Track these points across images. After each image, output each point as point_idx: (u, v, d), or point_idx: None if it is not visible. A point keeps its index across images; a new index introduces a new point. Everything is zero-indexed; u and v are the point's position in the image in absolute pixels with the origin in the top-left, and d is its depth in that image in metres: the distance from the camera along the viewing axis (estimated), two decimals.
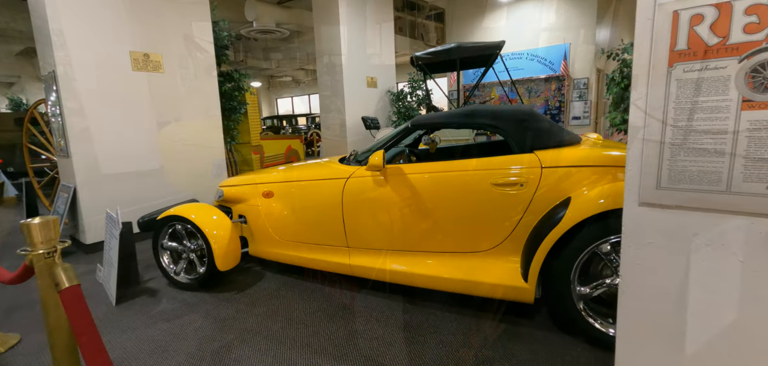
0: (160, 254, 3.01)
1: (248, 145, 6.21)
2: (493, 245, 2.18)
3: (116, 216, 2.72)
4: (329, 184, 2.63)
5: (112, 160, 3.97)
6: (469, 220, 2.19)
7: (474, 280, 2.16)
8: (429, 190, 2.26)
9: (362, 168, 2.52)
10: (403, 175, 2.34)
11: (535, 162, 2.05)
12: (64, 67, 3.61)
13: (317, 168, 2.82)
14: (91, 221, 3.88)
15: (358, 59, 6.88)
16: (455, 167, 2.22)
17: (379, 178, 2.41)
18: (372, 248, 2.52)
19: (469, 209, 2.18)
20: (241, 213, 3.17)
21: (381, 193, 2.39)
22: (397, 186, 2.35)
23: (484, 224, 2.16)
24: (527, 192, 2.05)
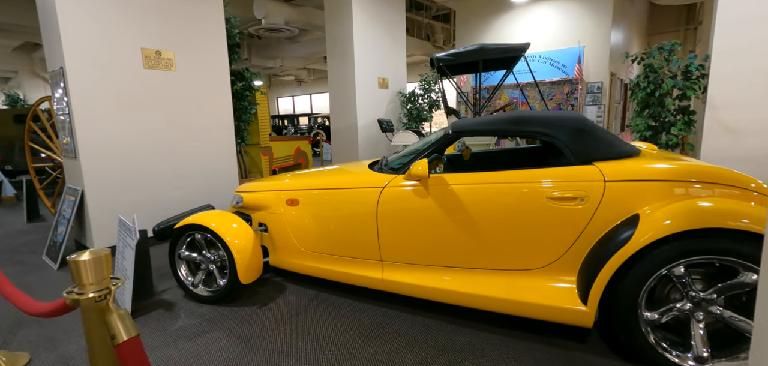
0: (177, 265, 2.83)
1: (258, 147, 6.03)
2: (547, 263, 2.02)
3: (132, 224, 2.54)
4: (362, 193, 2.46)
5: (122, 162, 3.79)
6: (520, 235, 2.03)
7: (524, 301, 2.00)
8: (476, 203, 2.10)
9: (400, 177, 2.36)
10: (446, 185, 2.18)
11: (596, 175, 1.90)
12: (73, 63, 3.42)
13: (347, 175, 2.65)
14: (99, 226, 3.69)
15: (370, 59, 6.72)
16: (506, 179, 2.06)
17: (420, 189, 2.24)
18: (409, 263, 2.35)
19: (522, 224, 2.02)
20: (261, 221, 3.00)
21: (422, 205, 2.23)
22: (441, 197, 2.18)
23: (538, 241, 2.00)
24: (588, 207, 1.89)
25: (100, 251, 1.23)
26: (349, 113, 6.65)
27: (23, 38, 11.74)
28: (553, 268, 2.01)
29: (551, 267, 2.01)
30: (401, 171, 2.39)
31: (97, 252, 1.22)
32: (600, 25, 7.50)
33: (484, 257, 2.13)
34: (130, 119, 3.81)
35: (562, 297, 1.94)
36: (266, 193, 2.96)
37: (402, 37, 7.48)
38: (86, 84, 3.51)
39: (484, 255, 2.13)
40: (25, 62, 14.62)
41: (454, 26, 13.26)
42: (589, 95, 7.89)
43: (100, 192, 3.66)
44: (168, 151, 4.12)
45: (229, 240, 2.58)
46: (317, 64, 16.18)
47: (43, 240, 4.49)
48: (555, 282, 2.01)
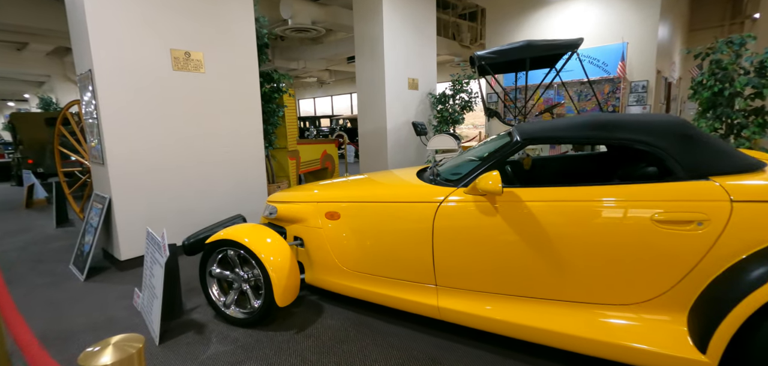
0: (209, 283, 2.60)
1: (285, 151, 5.83)
2: (647, 298, 1.67)
3: (162, 239, 2.32)
4: (415, 208, 2.17)
5: (150, 168, 3.62)
6: (614, 264, 1.70)
7: (617, 342, 1.66)
8: (558, 223, 1.77)
9: (460, 190, 2.05)
10: (519, 201, 1.86)
11: (718, 194, 1.55)
12: (101, 65, 3.27)
13: (396, 186, 2.36)
14: (126, 235, 3.53)
15: (400, 59, 6.43)
16: (597, 195, 1.72)
17: (486, 205, 1.93)
18: (471, 289, 2.04)
19: (617, 250, 1.68)
20: (297, 235, 2.75)
21: (489, 224, 1.92)
22: (513, 215, 1.87)
23: (638, 270, 1.66)
24: (708, 233, 1.54)
25: (129, 344, 0.94)
26: (378, 115, 6.38)
27: (56, 42, 12.02)
28: (655, 304, 1.67)
29: (653, 303, 1.67)
30: (461, 183, 2.08)
31: (124, 346, 0.93)
32: (646, 19, 6.98)
33: (565, 287, 1.81)
34: (159, 124, 3.64)
35: (669, 341, 1.59)
36: (303, 204, 2.71)
37: (432, 36, 7.16)
38: (115, 86, 3.35)
39: (566, 285, 1.80)
40: (58, 66, 15.02)
41: (481, 24, 12.84)
42: (632, 95, 7.37)
43: (127, 200, 3.50)
44: (196, 157, 3.94)
45: (264, 257, 2.34)
46: (339, 65, 16.02)
47: (70, 247, 4.39)
48: (657, 321, 1.66)
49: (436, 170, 2.46)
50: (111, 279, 3.39)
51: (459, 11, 12.07)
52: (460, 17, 12.23)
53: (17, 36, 11.11)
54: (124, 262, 3.56)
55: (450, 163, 2.61)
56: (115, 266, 3.64)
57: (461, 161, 2.52)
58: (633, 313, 1.70)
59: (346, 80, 21.27)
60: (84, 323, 2.62)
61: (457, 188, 2.07)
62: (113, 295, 3.06)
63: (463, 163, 2.46)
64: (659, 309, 1.66)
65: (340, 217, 2.50)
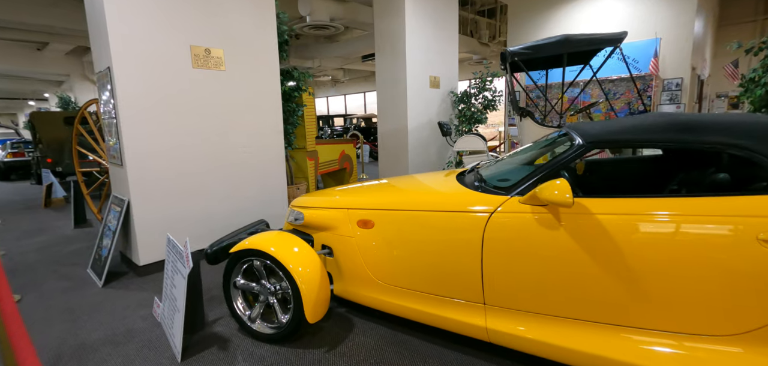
0: (233, 296, 2.43)
1: (303, 151, 5.67)
2: (747, 330, 1.43)
3: (184, 249, 2.16)
4: (461, 219, 1.96)
5: (170, 170, 3.48)
6: (706, 287, 1.46)
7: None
8: (640, 240, 1.54)
9: (513, 199, 1.83)
10: (588, 214, 1.63)
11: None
12: (120, 63, 3.13)
13: (437, 193, 2.15)
14: (145, 239, 3.39)
15: (421, 56, 6.21)
16: (688, 209, 1.48)
17: (547, 218, 1.71)
18: (526, 310, 1.82)
19: (710, 272, 1.45)
20: (326, 243, 2.56)
21: (552, 239, 1.69)
22: (583, 229, 1.64)
23: (738, 296, 1.42)
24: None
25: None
26: (399, 114, 6.17)
27: (75, 42, 12.12)
28: (757, 336, 1.42)
29: (755, 334, 1.43)
30: (514, 191, 1.86)
31: None
32: (682, 13, 6.62)
33: (647, 313, 1.57)
34: (179, 124, 3.50)
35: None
36: (333, 210, 2.52)
37: (454, 33, 6.92)
38: (134, 84, 3.22)
39: (650, 311, 1.57)
40: (77, 66, 15.19)
41: (499, 21, 12.52)
42: (665, 93, 7.01)
43: (146, 202, 3.37)
44: (216, 158, 3.79)
45: (293, 269, 2.15)
46: (354, 64, 15.86)
47: (88, 249, 4.29)
48: (760, 356, 1.42)
49: (479, 175, 2.24)
50: (129, 285, 3.25)
51: (477, 8, 11.78)
52: (478, 14, 11.93)
53: (39, 36, 11.22)
54: (143, 267, 3.42)
55: (493, 168, 2.39)
56: (134, 271, 3.51)
57: (508, 166, 2.30)
58: (734, 345, 1.46)
59: (359, 79, 21.12)
60: (102, 336, 2.48)
61: (509, 197, 1.85)
62: (132, 303, 2.92)
63: (511, 168, 2.24)
64: (761, 342, 1.42)
65: (374, 225, 2.30)
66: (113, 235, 3.37)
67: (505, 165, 2.33)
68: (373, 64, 16.47)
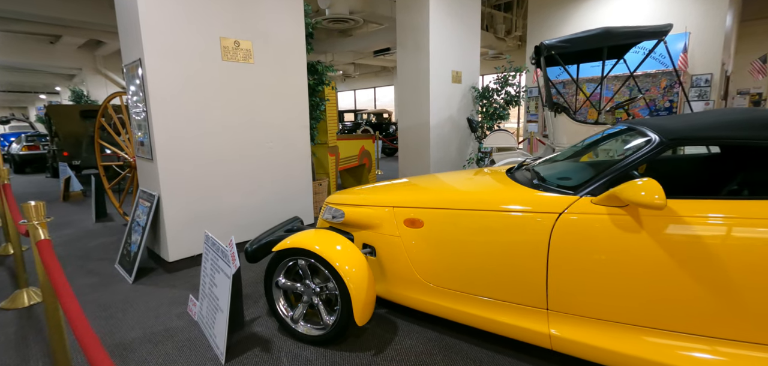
0: (275, 296, 2.36)
1: (325, 147, 5.59)
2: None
3: (230, 248, 2.08)
4: (524, 220, 1.86)
5: (199, 164, 3.41)
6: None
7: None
8: (733, 246, 1.43)
9: (584, 199, 1.73)
10: (677, 218, 1.52)
11: None
12: (151, 54, 3.06)
13: (494, 193, 2.05)
14: (175, 235, 3.33)
15: (444, 51, 6.09)
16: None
17: (626, 220, 1.60)
18: (596, 317, 1.72)
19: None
20: (367, 242, 2.47)
21: (634, 243, 1.59)
22: (666, 234, 1.53)
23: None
24: None
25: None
26: (421, 110, 6.06)
27: (88, 35, 12.11)
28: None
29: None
30: (583, 190, 1.75)
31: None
32: (713, 7, 6.42)
33: (746, 325, 1.46)
34: (207, 117, 3.42)
35: None
36: (375, 208, 2.43)
37: (477, 27, 6.78)
38: (165, 76, 3.14)
39: (747, 322, 1.46)
40: (89, 59, 15.22)
41: (515, 16, 12.31)
42: (694, 89, 6.83)
43: (176, 197, 3.30)
44: (245, 153, 3.72)
45: (340, 267, 2.07)
46: (366, 59, 15.73)
47: (113, 244, 4.25)
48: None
49: (536, 173, 2.13)
50: (160, 282, 3.20)
51: (494, 2, 11.59)
52: (494, 8, 11.74)
53: (51, 29, 11.22)
54: (172, 263, 3.37)
55: (549, 166, 2.28)
56: (163, 267, 3.46)
57: (565, 164, 2.19)
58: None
59: (370, 74, 20.98)
60: (140, 334, 2.41)
61: (579, 196, 1.75)
62: (165, 300, 2.86)
63: (569, 166, 2.14)
64: None
65: (423, 225, 2.21)
66: (143, 231, 3.31)
67: (561, 163, 2.22)
68: (384, 59, 16.33)
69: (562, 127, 3.96)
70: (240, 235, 3.79)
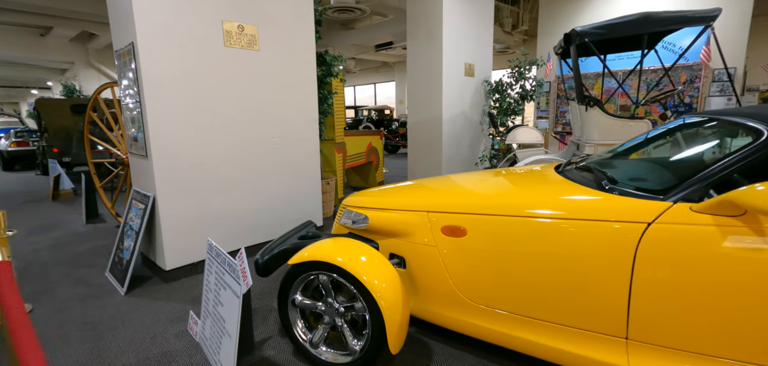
0: (291, 316, 2.03)
1: (332, 143, 5.25)
2: None
3: (240, 262, 1.75)
4: (601, 230, 1.53)
5: (199, 162, 3.07)
6: None
7: None
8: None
9: (680, 207, 1.40)
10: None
11: None
12: (146, 38, 2.71)
13: (555, 198, 1.72)
14: (173, 241, 2.99)
15: (457, 42, 5.75)
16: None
17: (743, 232, 1.28)
18: (694, 352, 1.41)
19: None
20: (396, 252, 2.15)
21: (753, 263, 1.27)
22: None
23: None
24: None
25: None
26: (433, 104, 5.73)
27: (80, 27, 11.66)
28: None
29: None
30: (674, 196, 1.43)
31: None
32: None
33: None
34: (208, 110, 3.08)
35: None
36: (405, 213, 2.10)
37: (490, 18, 6.45)
38: (161, 64, 2.79)
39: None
40: (81, 53, 14.75)
41: (522, 10, 11.99)
42: (715, 84, 6.54)
43: (174, 199, 2.96)
44: (249, 150, 3.38)
45: (368, 282, 1.75)
46: (367, 53, 15.36)
47: (104, 248, 3.89)
48: None
49: (603, 174, 1.81)
50: (156, 294, 2.85)
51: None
52: (502, 1, 11.41)
53: (42, 20, 10.76)
54: (170, 271, 3.02)
55: (612, 165, 1.96)
56: (159, 276, 3.11)
57: (629, 163, 1.88)
58: None
59: (370, 70, 20.61)
60: (133, 360, 2.08)
61: (672, 203, 1.43)
62: (162, 316, 2.52)
63: (638, 166, 1.82)
64: None
65: (466, 233, 1.88)
66: (136, 236, 2.97)
67: (622, 161, 1.91)
68: (386, 54, 15.97)
69: (593, 122, 3.65)
70: (245, 238, 3.45)
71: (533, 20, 12.10)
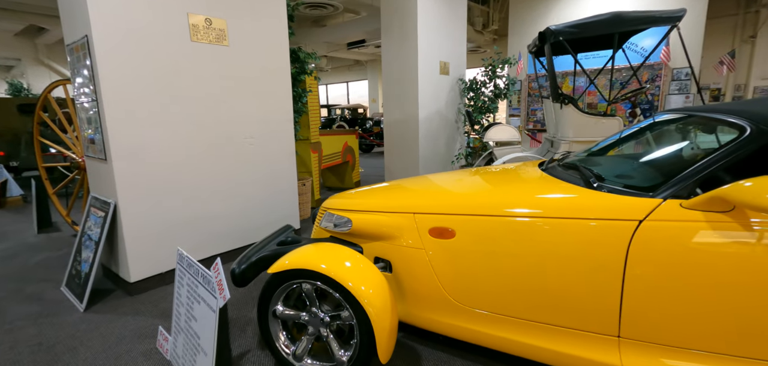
0: (272, 328, 1.90)
1: (307, 142, 5.09)
2: None
3: (215, 273, 1.61)
4: (592, 229, 1.52)
5: (164, 165, 2.86)
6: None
7: None
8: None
9: (672, 204, 1.41)
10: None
11: None
12: (102, 30, 2.48)
13: (545, 196, 1.70)
14: (137, 250, 2.77)
15: (432, 40, 5.74)
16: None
17: (732, 228, 1.30)
18: (685, 347, 1.42)
19: None
20: (381, 256, 2.07)
21: (742, 257, 1.28)
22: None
23: None
24: None
25: None
26: (410, 102, 5.68)
27: (26, 20, 10.78)
28: None
29: None
30: (665, 191, 1.44)
31: None
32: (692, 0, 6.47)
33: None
34: (175, 108, 2.88)
35: None
36: (391, 214, 2.02)
37: (464, 17, 6.48)
38: (120, 59, 2.57)
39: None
40: (29, 48, 13.68)
41: (492, 9, 12.20)
42: (674, 83, 6.88)
43: (137, 205, 2.74)
44: (218, 150, 3.19)
45: (354, 288, 1.66)
46: (339, 52, 15.17)
47: (59, 260, 3.58)
48: None
49: (589, 171, 1.81)
50: (119, 308, 2.63)
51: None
52: (472, 0, 11.55)
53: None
54: (135, 284, 2.80)
55: (597, 163, 1.97)
56: (123, 289, 2.88)
57: (613, 160, 1.89)
58: None
59: (342, 68, 20.39)
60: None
61: (662, 200, 1.43)
62: (127, 332, 2.32)
63: (622, 163, 1.83)
64: None
65: (455, 234, 1.83)
66: (96, 246, 2.73)
67: (609, 159, 1.92)
68: (358, 52, 15.83)
69: (568, 119, 3.71)
70: (218, 245, 3.26)
71: (503, 20, 12.34)
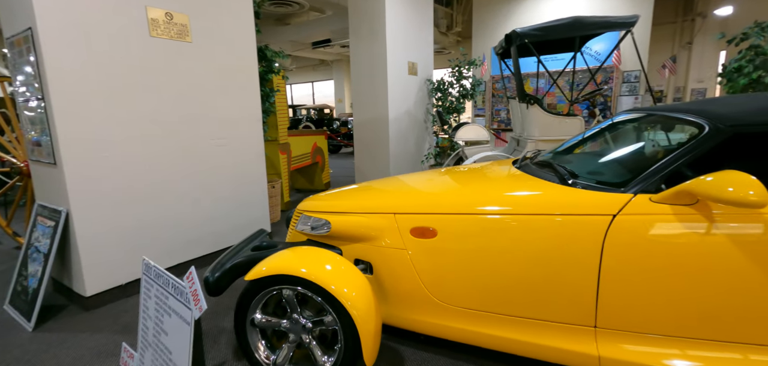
0: (250, 337, 1.82)
1: (276, 143, 4.94)
2: None
3: (190, 283, 1.51)
4: (570, 224, 1.57)
5: (121, 168, 2.67)
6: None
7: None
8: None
9: (642, 198, 1.48)
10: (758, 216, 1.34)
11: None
12: (48, 22, 2.27)
13: (523, 194, 1.74)
14: (93, 261, 2.56)
15: (400, 40, 5.77)
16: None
17: (696, 220, 1.38)
18: (658, 334, 1.50)
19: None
20: (362, 257, 2.04)
21: (706, 246, 1.37)
22: (749, 235, 1.34)
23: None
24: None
25: None
26: (379, 103, 5.67)
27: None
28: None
29: None
30: (632, 187, 1.52)
31: None
32: (639, 6, 6.94)
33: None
34: (132, 108, 2.69)
35: None
36: (371, 215, 2.00)
37: (430, 17, 6.56)
38: (70, 55, 2.37)
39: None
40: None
41: (456, 11, 12.47)
42: (625, 85, 7.35)
43: (92, 212, 2.53)
44: (182, 151, 3.02)
45: (337, 291, 1.63)
46: (303, 51, 14.91)
47: (2, 276, 3.24)
48: None
49: (565, 169, 1.87)
50: (75, 325, 2.42)
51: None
52: (436, 2, 11.74)
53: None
54: (91, 298, 2.59)
55: (568, 160, 2.05)
56: (78, 304, 2.66)
57: (581, 157, 1.97)
58: None
59: (307, 68, 20.06)
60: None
61: (633, 194, 1.51)
62: (85, 351, 2.14)
63: (591, 160, 1.91)
64: None
65: (436, 234, 1.84)
66: (45, 259, 2.49)
67: (579, 156, 2.00)
68: (324, 51, 15.64)
69: (534, 119, 3.86)
70: (186, 252, 3.08)
71: (466, 22, 12.64)
